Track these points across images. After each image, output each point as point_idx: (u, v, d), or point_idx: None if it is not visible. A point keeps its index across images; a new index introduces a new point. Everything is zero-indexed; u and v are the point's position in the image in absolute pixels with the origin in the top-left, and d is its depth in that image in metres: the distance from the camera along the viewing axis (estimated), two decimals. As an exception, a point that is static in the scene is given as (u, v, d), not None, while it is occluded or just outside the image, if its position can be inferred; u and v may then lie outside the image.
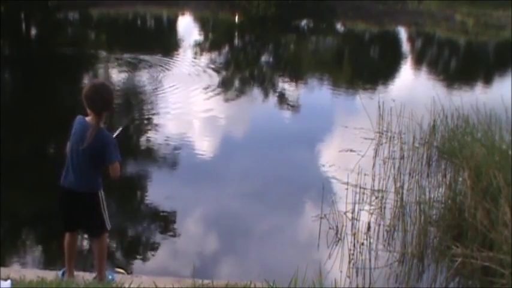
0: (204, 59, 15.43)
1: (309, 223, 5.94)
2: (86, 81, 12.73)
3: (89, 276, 4.16)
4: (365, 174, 6.72)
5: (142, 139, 8.55)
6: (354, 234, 5.57)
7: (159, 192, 6.76)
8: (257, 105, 11.14)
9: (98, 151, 3.80)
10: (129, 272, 4.68)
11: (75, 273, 4.20)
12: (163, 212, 6.21)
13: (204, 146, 8.26)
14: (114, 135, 3.98)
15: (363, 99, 10.10)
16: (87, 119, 3.85)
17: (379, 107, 8.71)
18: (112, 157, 3.82)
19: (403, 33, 24.67)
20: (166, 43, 18.45)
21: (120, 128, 4.23)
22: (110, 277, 4.17)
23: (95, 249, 4.13)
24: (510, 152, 6.09)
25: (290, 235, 5.87)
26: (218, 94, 11.36)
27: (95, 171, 3.90)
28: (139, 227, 5.92)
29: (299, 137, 8.88)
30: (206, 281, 4.16)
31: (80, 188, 3.88)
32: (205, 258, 5.29)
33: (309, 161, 7.88)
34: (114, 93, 4.00)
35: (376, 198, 6.30)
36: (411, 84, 13.67)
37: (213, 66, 14.05)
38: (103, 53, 15.39)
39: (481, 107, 7.85)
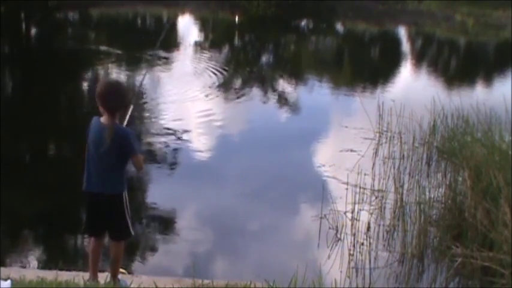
0: (204, 58, 15.42)
1: (309, 223, 5.94)
2: (86, 80, 12.75)
3: (88, 276, 4.15)
4: (365, 174, 6.72)
5: (142, 138, 8.54)
6: (354, 234, 5.57)
7: (158, 192, 6.76)
8: (257, 105, 11.13)
9: (123, 147, 3.73)
10: (129, 272, 4.68)
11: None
12: (163, 212, 6.21)
13: (204, 146, 8.26)
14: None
15: (362, 99, 10.10)
16: (102, 119, 3.75)
17: (379, 107, 8.71)
18: (134, 149, 3.76)
19: (403, 33, 24.66)
20: (166, 43, 18.42)
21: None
22: (124, 284, 4.14)
23: (112, 252, 4.06)
24: (510, 152, 6.09)
25: (290, 235, 5.87)
26: (218, 93, 11.36)
27: (120, 170, 3.82)
28: (139, 227, 5.91)
29: (299, 137, 8.88)
30: (206, 281, 4.16)
31: (104, 190, 3.81)
32: (206, 258, 5.29)
33: (309, 161, 7.87)
34: (128, 90, 3.91)
35: (376, 198, 6.30)
36: (411, 84, 13.66)
37: (212, 65, 14.04)
38: (103, 52, 15.39)
39: (481, 107, 7.85)
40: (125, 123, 4.00)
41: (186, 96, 10.87)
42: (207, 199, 6.52)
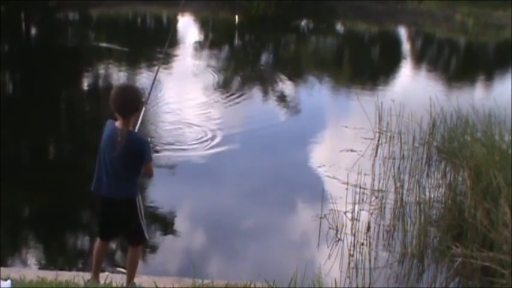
0: (204, 58, 15.43)
1: (309, 223, 5.94)
2: (87, 80, 12.76)
3: (88, 276, 4.15)
4: (365, 174, 6.72)
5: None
6: (354, 234, 5.57)
7: (158, 192, 6.75)
8: (257, 105, 11.14)
9: (134, 154, 3.73)
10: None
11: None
12: (163, 212, 6.21)
13: (203, 145, 8.25)
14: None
15: (362, 99, 10.10)
16: (117, 123, 3.75)
17: (379, 107, 8.71)
18: (148, 157, 3.78)
19: (403, 33, 24.66)
20: (166, 42, 18.43)
21: None
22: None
23: (128, 256, 4.07)
24: (510, 152, 6.09)
25: (290, 235, 5.87)
26: (217, 93, 11.36)
27: (132, 176, 3.82)
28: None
29: (299, 137, 8.88)
30: (206, 281, 4.17)
31: (117, 194, 3.80)
32: (206, 258, 5.29)
33: (309, 161, 7.87)
34: (141, 94, 3.95)
35: (376, 198, 6.30)
36: (411, 84, 13.66)
37: (212, 65, 14.05)
38: (106, 51, 15.40)
39: (480, 107, 7.86)
40: (137, 127, 4.02)
41: (186, 95, 10.87)
42: (208, 199, 6.52)
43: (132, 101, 3.77)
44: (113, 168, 3.77)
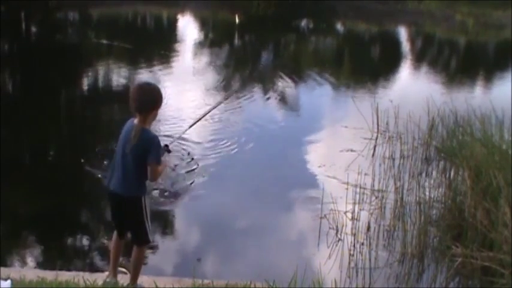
0: (204, 58, 15.43)
1: (309, 223, 5.94)
2: (86, 80, 12.75)
3: (88, 276, 4.15)
4: (365, 174, 6.73)
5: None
6: (354, 234, 5.57)
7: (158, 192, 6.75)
8: (256, 104, 11.12)
9: (142, 151, 3.73)
10: (129, 271, 4.67)
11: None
12: (163, 212, 6.21)
13: (203, 145, 8.25)
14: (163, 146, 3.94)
15: (362, 99, 10.10)
16: (135, 120, 3.80)
17: (379, 107, 8.71)
18: (152, 157, 3.73)
19: (403, 33, 24.67)
20: (166, 42, 18.46)
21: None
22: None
23: (132, 255, 4.05)
24: (510, 152, 6.09)
25: (290, 235, 5.87)
26: (217, 93, 11.35)
27: (141, 175, 3.80)
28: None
29: (299, 137, 8.88)
30: (206, 281, 4.17)
31: (124, 192, 3.81)
32: (206, 258, 5.30)
33: (308, 161, 7.87)
34: (159, 93, 3.90)
35: (376, 198, 6.31)
36: (411, 85, 13.66)
37: (212, 65, 14.05)
38: (108, 50, 15.41)
39: (480, 107, 7.85)
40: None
41: (184, 95, 10.87)
42: (208, 199, 6.51)
43: (148, 99, 3.79)
44: (124, 165, 3.79)
